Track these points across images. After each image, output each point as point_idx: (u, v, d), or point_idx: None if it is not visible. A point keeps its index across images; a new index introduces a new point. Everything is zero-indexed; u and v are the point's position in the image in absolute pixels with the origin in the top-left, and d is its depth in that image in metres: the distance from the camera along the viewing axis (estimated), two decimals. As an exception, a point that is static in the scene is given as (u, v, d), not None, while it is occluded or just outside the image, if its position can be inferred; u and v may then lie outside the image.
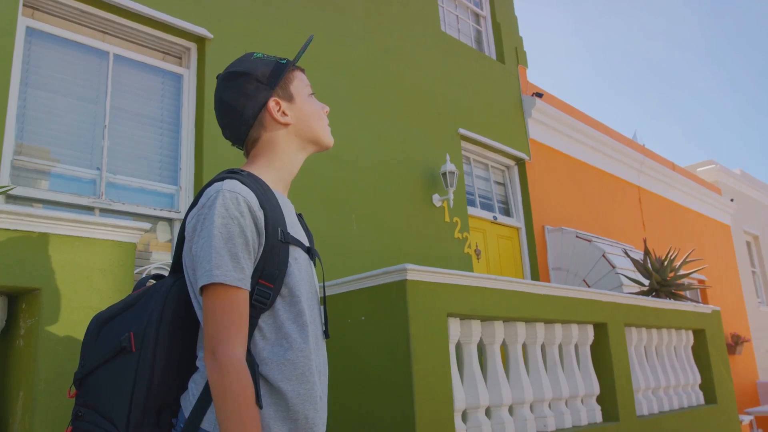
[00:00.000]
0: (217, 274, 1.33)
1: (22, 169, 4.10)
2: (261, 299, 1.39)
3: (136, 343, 1.41)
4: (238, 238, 1.36)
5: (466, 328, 3.46)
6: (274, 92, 1.59)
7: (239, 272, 1.35)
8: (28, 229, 2.18)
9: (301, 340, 1.42)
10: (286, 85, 1.62)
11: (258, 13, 5.51)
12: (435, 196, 6.73)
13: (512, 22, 9.21)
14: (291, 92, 1.62)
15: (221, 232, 1.35)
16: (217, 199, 1.38)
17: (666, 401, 4.91)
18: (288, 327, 1.41)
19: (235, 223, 1.36)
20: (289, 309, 1.42)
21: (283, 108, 1.60)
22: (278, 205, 1.48)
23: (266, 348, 1.38)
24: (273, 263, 1.41)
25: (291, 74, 1.64)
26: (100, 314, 1.54)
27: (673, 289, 5.97)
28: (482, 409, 3.40)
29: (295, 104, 1.62)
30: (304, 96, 1.64)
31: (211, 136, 4.86)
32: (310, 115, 1.63)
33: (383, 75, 6.64)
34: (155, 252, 4.64)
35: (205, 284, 1.34)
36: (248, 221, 1.38)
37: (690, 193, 12.39)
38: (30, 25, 4.28)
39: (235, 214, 1.37)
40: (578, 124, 9.41)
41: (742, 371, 12.11)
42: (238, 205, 1.37)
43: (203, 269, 1.34)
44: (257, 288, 1.39)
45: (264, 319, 1.40)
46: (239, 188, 1.40)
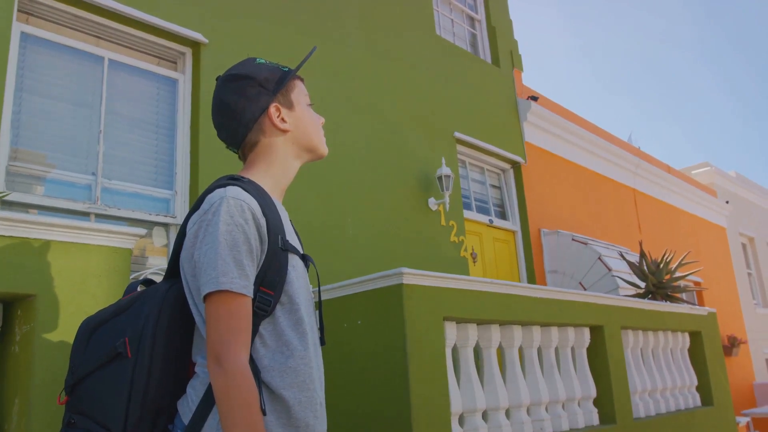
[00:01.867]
0: (224, 281, 1.33)
1: (17, 175, 4.09)
2: (262, 306, 1.39)
3: (132, 348, 1.41)
4: (243, 246, 1.36)
5: (463, 332, 3.46)
6: (275, 98, 1.60)
7: (244, 279, 1.35)
8: (23, 236, 2.18)
9: (302, 347, 1.42)
10: (288, 92, 1.64)
11: (253, 18, 5.52)
12: (431, 199, 6.74)
13: (507, 25, 9.23)
14: (291, 100, 1.63)
15: (226, 240, 1.35)
16: (221, 205, 1.38)
17: (663, 404, 4.92)
18: (288, 334, 1.41)
19: (239, 231, 1.37)
20: (289, 316, 1.43)
21: (283, 114, 1.61)
22: (277, 213, 1.49)
23: (267, 355, 1.39)
24: (273, 270, 1.42)
25: (292, 82, 1.66)
26: (90, 319, 1.53)
27: (669, 291, 5.98)
28: (479, 412, 3.40)
29: (295, 112, 1.63)
30: (303, 105, 1.66)
31: (207, 140, 4.85)
32: (308, 123, 1.65)
33: (378, 79, 6.65)
34: (151, 257, 4.63)
35: (211, 291, 1.34)
36: (252, 229, 1.38)
37: (685, 195, 12.43)
38: (25, 30, 4.28)
39: (240, 221, 1.37)
40: (574, 127, 9.44)
41: (738, 373, 12.13)
42: (243, 212, 1.38)
43: (208, 276, 1.34)
44: (258, 295, 1.39)
45: (264, 326, 1.40)
46: (243, 195, 1.41)
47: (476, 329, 3.54)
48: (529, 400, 3.74)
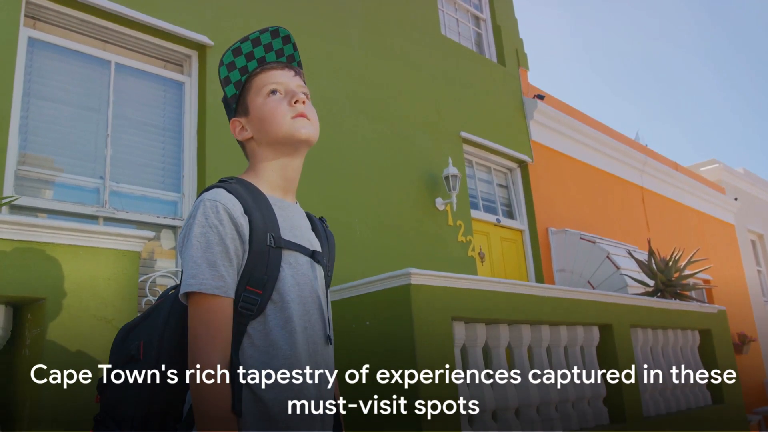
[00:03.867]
0: (192, 283, 1.35)
1: (25, 179, 4.12)
2: (247, 306, 1.39)
3: (145, 351, 1.46)
4: (217, 246, 1.37)
5: (471, 331, 3.45)
6: (237, 111, 1.62)
7: (217, 280, 1.35)
8: (32, 240, 2.19)
9: (288, 347, 1.40)
10: (243, 98, 1.60)
11: (258, 19, 5.52)
12: (438, 199, 6.73)
13: (512, 24, 9.21)
14: (247, 105, 1.59)
15: (200, 242, 1.37)
16: (198, 208, 1.41)
17: (673, 402, 4.90)
18: (276, 333, 1.40)
19: (213, 232, 1.37)
20: (279, 315, 1.42)
21: (243, 124, 1.60)
22: (271, 210, 1.48)
23: (254, 355, 1.38)
24: (261, 269, 1.41)
25: (248, 84, 1.60)
26: (126, 324, 1.60)
27: (678, 289, 5.95)
28: (488, 412, 3.39)
29: (251, 116, 1.59)
30: (259, 102, 1.58)
31: (214, 142, 4.86)
32: (264, 120, 1.56)
33: (384, 79, 6.65)
34: (159, 259, 4.65)
35: (183, 293, 1.37)
36: (228, 229, 1.38)
37: (693, 192, 12.36)
38: (32, 35, 4.30)
39: (214, 222, 1.38)
40: (580, 126, 9.40)
41: (749, 371, 12.04)
42: (217, 213, 1.38)
43: (183, 279, 1.38)
44: (243, 295, 1.39)
45: (254, 326, 1.40)
46: (220, 197, 1.41)
47: (485, 329, 3.53)
48: (538, 400, 3.73)
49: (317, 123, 1.60)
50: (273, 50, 1.63)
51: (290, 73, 1.61)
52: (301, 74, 1.65)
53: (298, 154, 1.59)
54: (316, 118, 1.60)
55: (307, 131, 1.55)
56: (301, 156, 1.60)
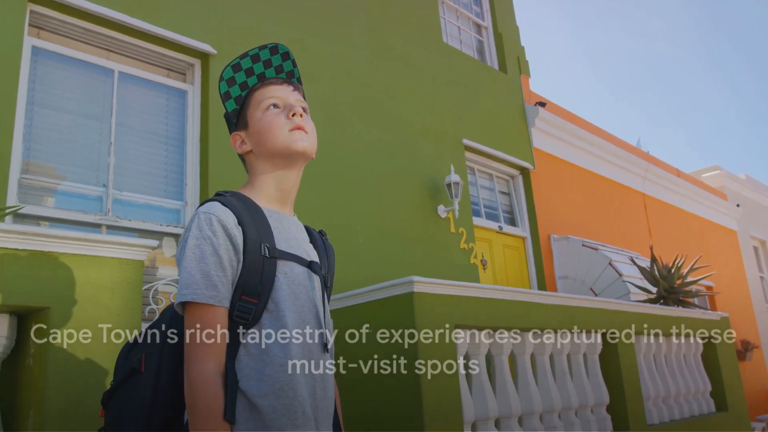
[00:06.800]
0: (186, 293, 1.38)
1: (29, 188, 4.13)
2: (242, 315, 1.41)
3: (146, 362, 1.48)
4: (211, 257, 1.40)
5: (474, 340, 3.45)
6: (237, 126, 1.65)
7: (211, 290, 1.39)
8: (36, 249, 2.20)
9: (283, 354, 1.42)
10: (244, 113, 1.64)
11: (261, 28, 5.55)
12: (440, 206, 6.73)
13: (514, 32, 9.24)
14: (246, 119, 1.63)
15: (194, 253, 1.40)
16: (193, 221, 1.45)
17: (676, 409, 4.88)
18: (271, 342, 1.42)
19: (207, 243, 1.41)
20: (274, 323, 1.43)
21: (243, 137, 1.63)
22: (266, 222, 1.50)
23: (249, 364, 1.40)
24: (256, 278, 1.43)
25: (248, 98, 1.64)
26: (129, 341, 1.63)
27: (680, 296, 5.95)
28: (492, 420, 3.39)
29: (250, 130, 1.62)
30: (258, 116, 1.60)
31: (216, 151, 4.88)
32: (262, 133, 1.58)
33: (386, 87, 6.67)
34: (162, 267, 4.65)
35: (178, 303, 1.40)
36: (221, 240, 1.42)
37: (695, 199, 12.35)
38: (36, 44, 4.32)
39: (208, 234, 1.41)
40: (582, 133, 9.41)
41: (752, 378, 12.00)
42: (211, 225, 1.42)
43: (178, 290, 1.41)
44: (239, 304, 1.42)
45: (251, 335, 1.42)
46: (214, 209, 1.44)
47: (488, 337, 3.53)
48: (541, 408, 3.72)
49: (315, 136, 1.63)
50: (272, 66, 1.67)
51: (289, 88, 1.64)
52: (300, 89, 1.67)
53: (295, 166, 1.61)
54: (314, 131, 1.63)
55: (304, 144, 1.58)
56: (299, 169, 1.62)
